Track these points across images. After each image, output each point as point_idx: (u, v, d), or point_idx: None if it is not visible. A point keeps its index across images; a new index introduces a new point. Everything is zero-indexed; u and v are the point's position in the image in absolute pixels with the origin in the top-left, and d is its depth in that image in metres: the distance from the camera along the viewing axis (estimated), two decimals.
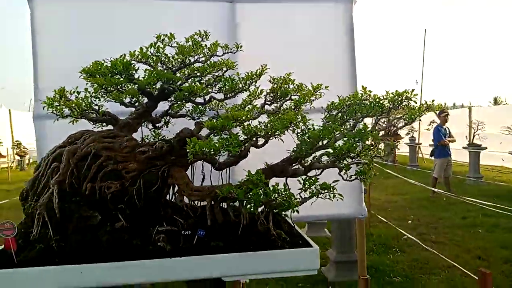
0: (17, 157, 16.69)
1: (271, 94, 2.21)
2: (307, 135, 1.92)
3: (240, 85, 2.16)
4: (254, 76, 2.15)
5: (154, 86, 2.00)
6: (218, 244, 1.98)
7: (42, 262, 1.74)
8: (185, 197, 2.17)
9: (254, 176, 1.80)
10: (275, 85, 2.20)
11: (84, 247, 1.81)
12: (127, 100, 1.99)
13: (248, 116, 1.83)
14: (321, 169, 2.01)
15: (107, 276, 1.74)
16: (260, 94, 2.33)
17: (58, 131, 2.73)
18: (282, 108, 2.16)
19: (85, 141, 1.99)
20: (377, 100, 2.20)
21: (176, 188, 2.20)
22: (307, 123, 1.95)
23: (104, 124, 2.21)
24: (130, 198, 2.01)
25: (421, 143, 16.19)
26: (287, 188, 1.82)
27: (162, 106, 2.30)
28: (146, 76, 1.95)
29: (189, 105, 2.46)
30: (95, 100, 1.94)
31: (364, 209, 3.19)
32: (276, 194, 1.78)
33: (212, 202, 2.11)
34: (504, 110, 17.13)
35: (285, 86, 2.17)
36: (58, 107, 1.91)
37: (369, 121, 2.25)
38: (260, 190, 1.75)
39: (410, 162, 15.72)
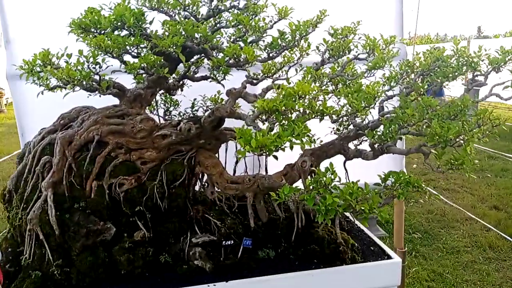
0: None
1: (329, 51, 1.63)
2: (392, 115, 1.41)
3: (289, 39, 1.57)
4: (310, 25, 1.56)
5: (176, 45, 1.38)
6: (268, 253, 1.55)
7: None
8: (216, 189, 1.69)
9: (325, 174, 1.31)
10: (335, 39, 1.61)
11: (97, 272, 1.34)
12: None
13: (317, 90, 1.29)
14: (403, 154, 1.53)
15: None
16: (307, 49, 1.74)
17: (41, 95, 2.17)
18: (345, 70, 1.60)
19: (84, 124, 1.44)
20: (468, 57, 1.68)
21: (205, 177, 1.70)
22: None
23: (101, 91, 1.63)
24: (150, 197, 1.52)
25: None
26: (369, 190, 1.35)
27: None
28: (167, 30, 1.35)
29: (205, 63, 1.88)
30: (94, 67, 1.35)
31: None
32: (355, 200, 1.30)
33: (254, 197, 1.64)
34: None
35: (348, 39, 1.59)
36: (43, 78, 1.33)
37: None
38: (336, 198, 1.26)
39: None
